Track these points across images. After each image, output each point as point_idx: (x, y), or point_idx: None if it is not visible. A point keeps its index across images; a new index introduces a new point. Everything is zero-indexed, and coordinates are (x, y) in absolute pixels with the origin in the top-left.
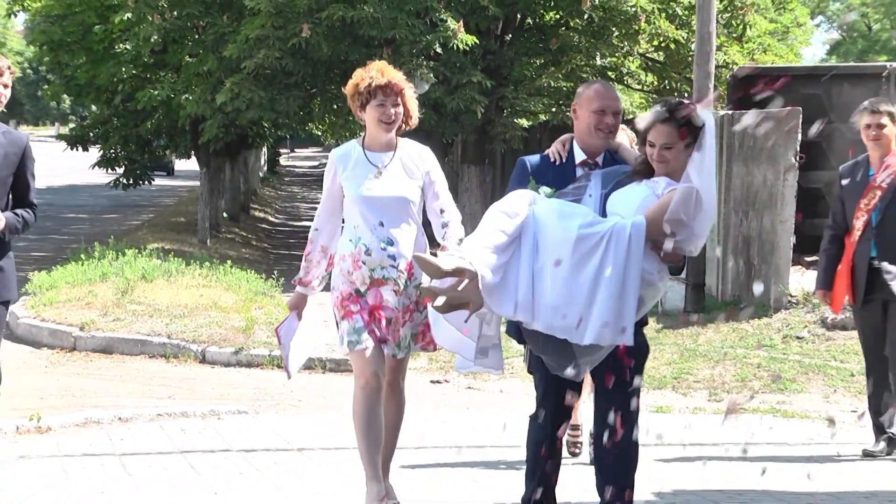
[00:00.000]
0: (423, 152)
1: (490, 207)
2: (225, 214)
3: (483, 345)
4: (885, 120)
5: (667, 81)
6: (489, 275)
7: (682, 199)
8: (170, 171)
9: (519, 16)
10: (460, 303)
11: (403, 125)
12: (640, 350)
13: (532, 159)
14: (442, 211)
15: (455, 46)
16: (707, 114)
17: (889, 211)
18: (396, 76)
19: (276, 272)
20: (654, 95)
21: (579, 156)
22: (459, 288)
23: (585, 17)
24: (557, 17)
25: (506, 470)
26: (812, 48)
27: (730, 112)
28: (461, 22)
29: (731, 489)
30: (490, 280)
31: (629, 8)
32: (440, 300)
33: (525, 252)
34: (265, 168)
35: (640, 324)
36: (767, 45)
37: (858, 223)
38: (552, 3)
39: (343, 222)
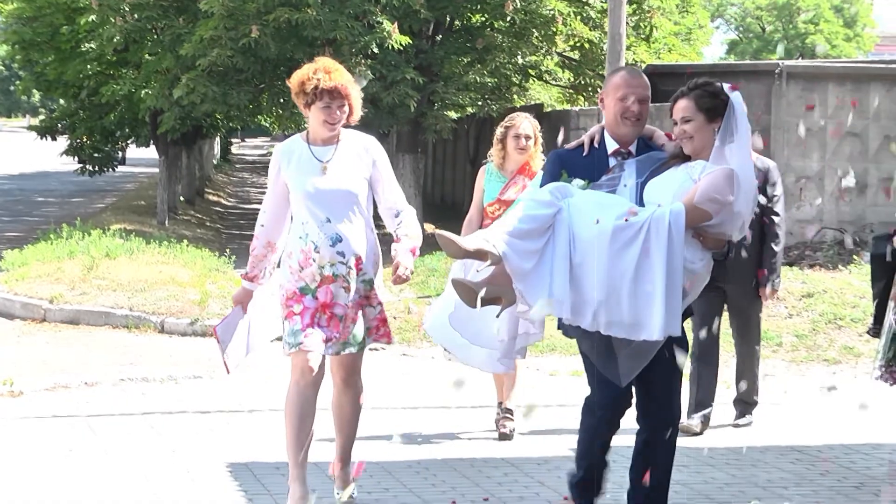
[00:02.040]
0: (367, 143)
1: (524, 196)
2: (182, 198)
3: (522, 344)
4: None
5: (582, 78)
6: (518, 260)
7: (716, 181)
8: (122, 161)
9: (448, 18)
10: (493, 297)
11: (346, 119)
12: (682, 343)
13: (563, 152)
14: (392, 200)
15: (390, 46)
16: (735, 93)
17: None
18: (343, 78)
19: (228, 250)
20: (571, 91)
21: (611, 145)
22: (481, 272)
23: (508, 19)
24: (483, 19)
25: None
26: (712, 48)
27: None
28: (396, 24)
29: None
30: (521, 266)
31: (547, 11)
32: (471, 295)
33: (560, 246)
34: (218, 156)
35: (684, 315)
36: (672, 45)
37: None
38: (478, 7)
39: (291, 219)
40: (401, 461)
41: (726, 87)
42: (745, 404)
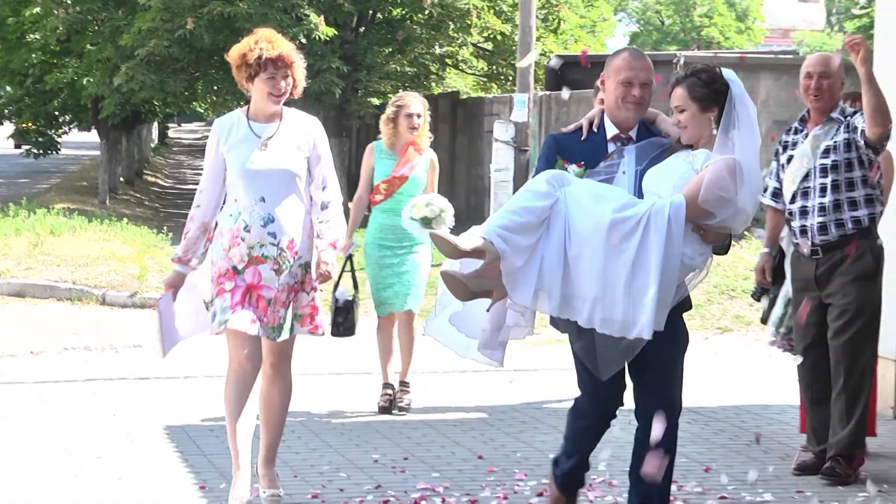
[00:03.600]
0: (310, 123)
1: (522, 188)
2: (121, 179)
3: (506, 337)
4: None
5: (495, 67)
6: (512, 258)
7: (720, 172)
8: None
9: (370, 11)
10: (484, 290)
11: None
12: (680, 337)
13: (560, 136)
14: (324, 187)
15: (317, 37)
16: (735, 78)
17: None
18: (287, 47)
19: (165, 228)
20: (485, 79)
21: (610, 130)
22: (476, 272)
23: (426, 12)
24: (403, 12)
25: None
26: (615, 39)
27: (547, 93)
28: (322, 17)
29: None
30: (514, 263)
31: (463, 5)
32: (462, 289)
33: (555, 237)
34: (156, 140)
35: (682, 308)
36: (578, 36)
37: None
38: (398, 1)
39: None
40: (326, 423)
41: (726, 73)
42: None
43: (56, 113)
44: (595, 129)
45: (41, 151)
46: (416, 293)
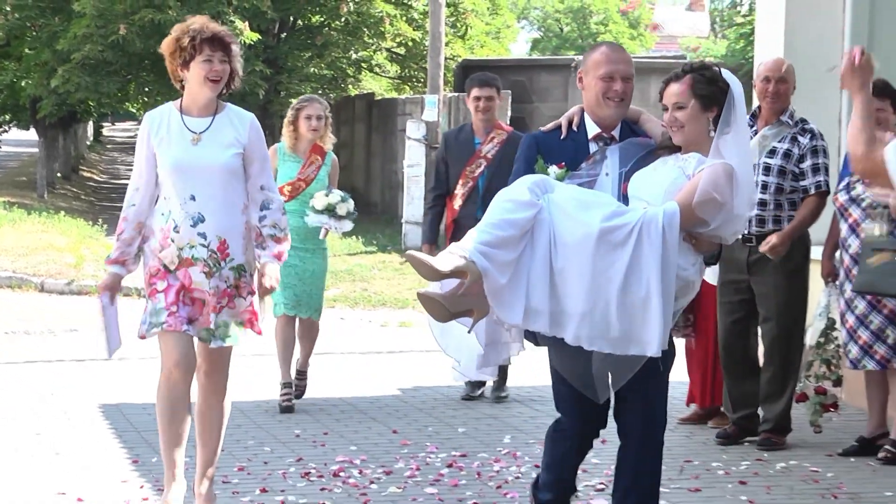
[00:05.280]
0: (246, 118)
1: (497, 194)
2: (59, 174)
3: (504, 355)
4: (494, 93)
5: (407, 70)
6: (496, 276)
7: (714, 178)
8: None
9: (292, 18)
10: (462, 310)
11: (225, 89)
12: (668, 352)
13: (539, 135)
14: (262, 187)
15: (242, 42)
16: (734, 78)
17: (494, 180)
18: (222, 30)
19: (100, 220)
20: (398, 81)
21: (591, 129)
22: (461, 292)
23: (343, 20)
24: (321, 19)
25: None
26: (518, 44)
27: (456, 94)
28: (247, 23)
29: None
30: (498, 282)
31: (377, 13)
32: (440, 310)
33: (539, 249)
34: (91, 138)
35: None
36: (484, 42)
37: (462, 189)
38: (317, 9)
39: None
40: (251, 401)
41: (725, 73)
42: None
43: None
44: (575, 129)
45: None
46: (318, 301)
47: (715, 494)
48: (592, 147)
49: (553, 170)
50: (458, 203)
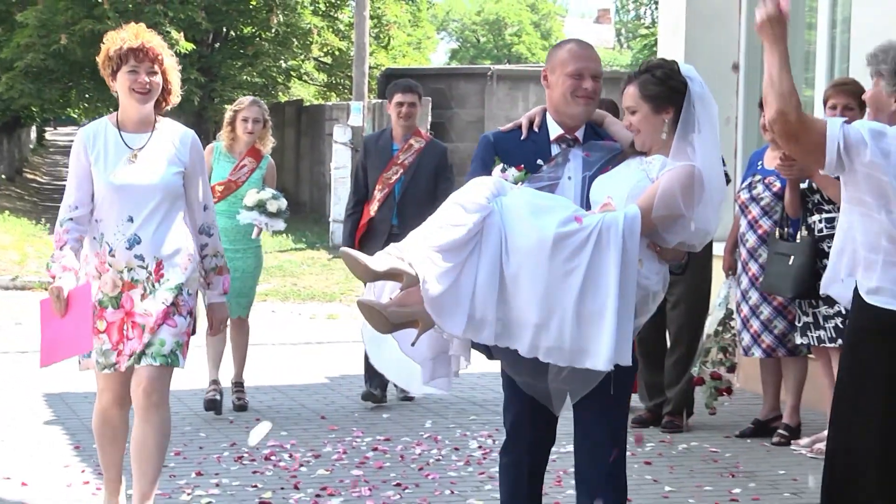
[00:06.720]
0: (188, 136)
1: (449, 196)
2: (3, 176)
3: (455, 367)
4: (416, 99)
5: (334, 78)
6: (435, 282)
7: (675, 181)
8: None
9: (225, 29)
10: (405, 321)
11: (163, 102)
12: (629, 368)
13: (498, 135)
14: (206, 207)
15: (178, 52)
16: (695, 75)
17: (409, 188)
18: (154, 40)
19: (43, 219)
20: (325, 89)
21: (554, 130)
22: (398, 299)
23: (273, 31)
24: (253, 30)
25: None
26: (438, 54)
27: (379, 101)
28: (182, 33)
29: None
30: (436, 289)
31: (305, 25)
32: (380, 321)
33: (488, 255)
34: (34, 142)
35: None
36: (406, 52)
37: (380, 194)
38: (249, 20)
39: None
40: (188, 390)
41: (684, 69)
42: None
43: None
44: (536, 129)
45: None
46: (248, 300)
47: None
48: (555, 149)
49: (512, 172)
50: (374, 208)
